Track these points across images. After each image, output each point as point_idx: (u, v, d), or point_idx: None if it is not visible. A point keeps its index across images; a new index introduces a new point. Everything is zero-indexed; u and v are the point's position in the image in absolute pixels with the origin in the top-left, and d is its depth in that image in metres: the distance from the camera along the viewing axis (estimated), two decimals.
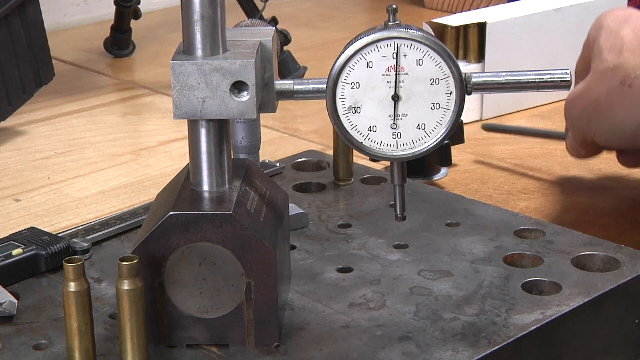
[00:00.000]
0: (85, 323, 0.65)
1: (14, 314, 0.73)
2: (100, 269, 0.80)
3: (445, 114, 0.67)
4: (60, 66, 1.40)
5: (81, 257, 0.65)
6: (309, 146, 1.08)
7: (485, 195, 0.97)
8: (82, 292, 0.64)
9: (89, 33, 1.58)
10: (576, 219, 0.92)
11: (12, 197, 1.00)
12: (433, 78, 0.66)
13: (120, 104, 1.28)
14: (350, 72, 0.67)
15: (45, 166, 1.07)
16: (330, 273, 0.78)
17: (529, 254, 0.80)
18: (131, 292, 0.64)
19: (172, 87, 0.66)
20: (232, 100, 0.66)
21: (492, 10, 1.19)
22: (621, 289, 0.75)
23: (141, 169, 1.06)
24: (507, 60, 1.15)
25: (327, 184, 0.93)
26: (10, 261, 0.77)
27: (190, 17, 0.66)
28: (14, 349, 0.69)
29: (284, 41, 1.28)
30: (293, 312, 0.73)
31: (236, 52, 0.67)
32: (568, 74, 0.68)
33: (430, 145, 0.68)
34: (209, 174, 0.69)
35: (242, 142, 0.83)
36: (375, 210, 0.88)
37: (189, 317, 0.69)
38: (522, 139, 1.11)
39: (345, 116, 0.67)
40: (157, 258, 0.67)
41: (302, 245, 0.82)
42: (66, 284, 0.64)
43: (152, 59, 1.45)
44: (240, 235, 0.67)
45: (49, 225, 0.92)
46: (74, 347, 0.65)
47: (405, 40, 0.66)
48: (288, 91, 0.69)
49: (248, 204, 0.69)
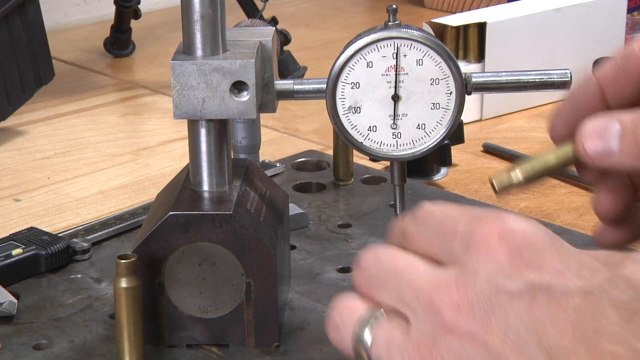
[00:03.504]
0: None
1: (14, 314, 0.73)
2: (100, 269, 0.80)
3: (445, 114, 0.67)
4: (60, 66, 1.40)
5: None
6: (309, 146, 1.07)
7: (485, 195, 0.97)
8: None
9: (89, 33, 1.58)
10: (576, 219, 0.92)
11: (12, 197, 1.00)
12: (433, 78, 0.66)
13: (120, 104, 1.28)
14: (350, 72, 0.67)
15: (45, 166, 1.07)
16: (330, 273, 0.78)
17: None
18: (129, 290, 0.64)
19: (172, 87, 0.66)
20: (232, 100, 0.66)
21: (492, 10, 1.19)
22: None
23: (141, 169, 1.06)
24: (507, 60, 1.15)
25: (327, 184, 0.93)
26: (10, 261, 0.77)
27: (190, 17, 0.66)
28: (14, 349, 0.69)
29: (284, 41, 1.28)
30: (293, 312, 0.73)
31: (236, 52, 0.67)
32: (568, 74, 0.68)
33: (430, 145, 0.68)
34: (209, 174, 0.69)
35: (242, 142, 0.83)
36: (375, 210, 0.88)
37: (189, 317, 0.69)
38: (521, 139, 1.11)
39: (345, 116, 0.67)
40: (157, 258, 0.67)
41: (302, 245, 0.82)
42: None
43: (152, 59, 1.45)
44: (240, 235, 0.67)
45: (49, 225, 0.92)
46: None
47: (405, 40, 0.66)
48: (288, 91, 0.69)
49: (248, 204, 0.69)
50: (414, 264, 0.51)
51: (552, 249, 0.49)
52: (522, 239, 0.48)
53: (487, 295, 0.48)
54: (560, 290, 0.47)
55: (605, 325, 0.46)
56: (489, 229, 0.49)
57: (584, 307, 0.47)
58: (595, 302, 0.47)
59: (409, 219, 0.53)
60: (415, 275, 0.50)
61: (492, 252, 0.48)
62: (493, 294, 0.48)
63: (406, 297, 0.50)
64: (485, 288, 0.48)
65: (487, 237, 0.49)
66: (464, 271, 0.49)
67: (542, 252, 0.48)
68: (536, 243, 0.48)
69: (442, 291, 0.49)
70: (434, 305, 0.49)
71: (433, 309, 0.49)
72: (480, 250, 0.49)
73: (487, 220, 0.49)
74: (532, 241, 0.48)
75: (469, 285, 0.48)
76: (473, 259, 0.49)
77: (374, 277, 0.52)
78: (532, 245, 0.48)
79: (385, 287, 0.51)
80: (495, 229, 0.49)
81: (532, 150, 1.07)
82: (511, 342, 0.47)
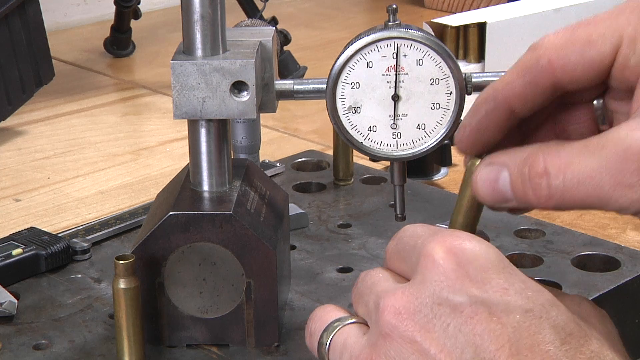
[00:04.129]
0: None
1: (14, 314, 0.73)
2: (100, 269, 0.80)
3: (445, 114, 0.67)
4: (60, 66, 1.40)
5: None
6: (309, 146, 1.07)
7: None
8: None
9: (89, 33, 1.58)
10: (576, 219, 0.92)
11: (12, 197, 1.00)
12: (433, 78, 0.66)
13: (120, 104, 1.28)
14: (350, 72, 0.67)
15: (45, 166, 1.07)
16: (330, 273, 0.78)
17: (529, 254, 0.80)
18: (128, 290, 0.64)
19: (172, 87, 0.66)
20: (232, 100, 0.66)
21: (492, 10, 1.19)
22: (621, 289, 0.75)
23: (141, 169, 1.06)
24: (507, 60, 1.14)
25: (327, 184, 0.93)
26: (10, 261, 0.77)
27: (190, 17, 0.66)
28: (14, 349, 0.69)
29: (284, 41, 1.28)
30: (293, 312, 0.73)
31: (236, 52, 0.67)
32: None
33: (430, 145, 0.68)
34: (209, 174, 0.69)
35: (242, 142, 0.83)
36: (375, 210, 0.88)
37: (189, 317, 0.69)
38: None
39: (345, 116, 0.67)
40: (157, 258, 0.67)
41: (302, 245, 0.82)
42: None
43: (152, 59, 1.45)
44: (240, 235, 0.67)
45: (49, 225, 0.92)
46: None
47: (405, 40, 0.66)
48: (288, 91, 0.69)
49: (248, 204, 0.69)
50: (385, 278, 0.54)
51: (499, 269, 0.51)
52: (471, 255, 0.51)
53: (430, 305, 0.50)
54: (502, 307, 0.50)
55: (541, 344, 0.48)
56: (439, 242, 0.52)
57: (523, 325, 0.49)
58: (535, 321, 0.49)
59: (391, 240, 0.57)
60: (380, 286, 0.54)
61: (438, 264, 0.51)
62: (436, 303, 0.50)
63: (369, 306, 0.54)
64: (429, 297, 0.51)
65: (436, 249, 0.51)
66: (414, 281, 0.52)
67: (489, 270, 0.51)
68: (484, 261, 0.51)
69: (389, 298, 0.51)
70: (379, 312, 0.52)
71: (378, 315, 0.52)
72: (427, 260, 0.51)
73: (441, 235, 0.52)
74: (480, 259, 0.51)
75: (414, 293, 0.51)
76: (422, 269, 0.52)
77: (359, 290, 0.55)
78: (479, 263, 0.51)
79: (362, 299, 0.55)
80: (446, 244, 0.51)
81: None
82: (447, 351, 0.49)
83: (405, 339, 0.50)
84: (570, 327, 0.50)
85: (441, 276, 0.51)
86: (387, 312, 0.51)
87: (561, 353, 0.48)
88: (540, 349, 0.48)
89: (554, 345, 0.49)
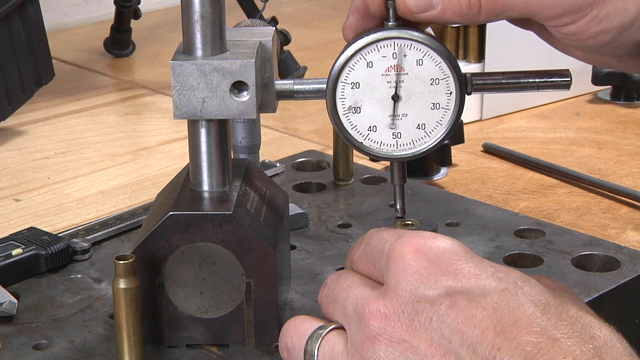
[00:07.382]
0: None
1: (14, 314, 0.73)
2: (100, 269, 0.80)
3: (445, 114, 0.67)
4: (60, 66, 1.40)
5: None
6: (309, 146, 1.07)
7: (485, 195, 0.97)
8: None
9: (89, 33, 1.58)
10: (576, 219, 0.92)
11: (12, 197, 1.00)
12: (433, 78, 0.66)
13: (120, 104, 1.28)
14: (350, 72, 0.67)
15: (45, 166, 1.07)
16: (330, 273, 0.78)
17: (529, 254, 0.80)
18: (128, 290, 0.64)
19: (172, 87, 0.66)
20: (232, 100, 0.66)
21: None
22: (621, 289, 0.75)
23: (141, 169, 1.06)
24: (507, 60, 1.15)
25: (327, 184, 0.93)
26: (10, 261, 0.77)
27: (190, 17, 0.66)
28: (14, 349, 0.69)
29: (284, 41, 1.28)
30: (293, 312, 0.73)
31: (236, 52, 0.67)
32: (568, 74, 0.68)
33: (430, 145, 0.68)
34: (209, 174, 0.69)
35: (242, 142, 0.83)
36: (375, 210, 0.88)
37: (189, 317, 0.69)
38: (521, 139, 1.11)
39: (345, 116, 0.67)
40: (157, 258, 0.67)
41: (302, 245, 0.82)
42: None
43: (152, 59, 1.45)
44: (240, 235, 0.67)
45: (49, 225, 0.92)
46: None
47: (405, 40, 0.66)
48: (288, 91, 0.69)
49: (248, 204, 0.69)
50: (357, 282, 0.56)
51: (467, 258, 0.53)
52: (439, 251, 0.53)
53: (410, 303, 0.52)
54: (478, 291, 0.52)
55: (523, 318, 0.50)
56: (406, 243, 0.54)
57: (502, 304, 0.51)
58: (512, 297, 0.51)
59: (356, 244, 0.59)
60: (356, 291, 0.56)
61: (409, 264, 0.53)
62: (415, 301, 0.52)
63: (347, 312, 0.56)
64: (407, 296, 0.53)
65: (404, 250, 0.54)
66: (388, 284, 0.54)
67: (458, 261, 0.53)
68: (452, 254, 0.53)
69: (370, 304, 0.54)
70: (363, 318, 0.53)
71: (362, 321, 0.53)
72: (398, 262, 0.54)
73: (407, 237, 0.54)
74: (447, 253, 0.53)
75: (393, 296, 0.53)
76: (393, 272, 0.54)
77: (331, 294, 0.58)
78: (447, 257, 0.53)
79: (336, 303, 0.57)
80: (413, 244, 0.54)
81: (532, 150, 1.07)
82: (436, 344, 0.51)
83: (394, 340, 0.52)
84: (546, 297, 0.51)
85: (414, 275, 0.53)
86: (374, 317, 0.53)
87: (544, 322, 0.50)
88: (523, 323, 0.50)
89: (535, 316, 0.50)
